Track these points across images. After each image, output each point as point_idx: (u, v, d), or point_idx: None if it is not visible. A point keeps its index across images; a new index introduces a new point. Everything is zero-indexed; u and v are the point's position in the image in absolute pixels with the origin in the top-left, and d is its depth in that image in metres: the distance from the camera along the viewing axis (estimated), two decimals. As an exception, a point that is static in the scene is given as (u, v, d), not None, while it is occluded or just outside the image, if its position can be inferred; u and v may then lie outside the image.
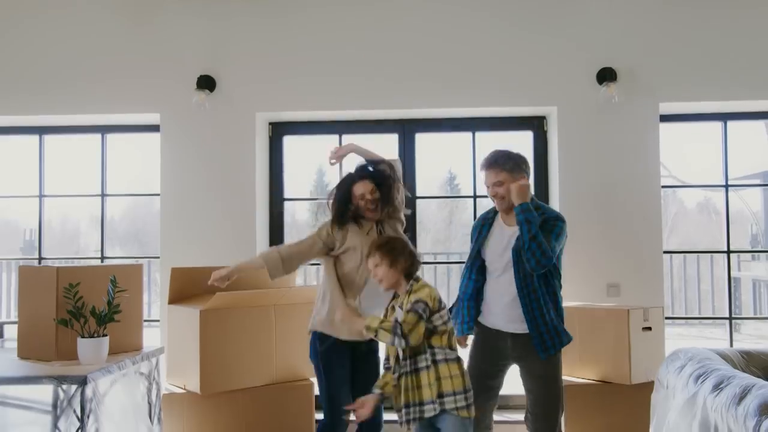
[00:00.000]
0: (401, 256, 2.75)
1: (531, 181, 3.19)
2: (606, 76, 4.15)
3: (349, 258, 3.07)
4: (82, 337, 2.91)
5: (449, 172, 11.74)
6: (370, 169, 3.16)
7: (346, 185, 3.12)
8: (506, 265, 3.04)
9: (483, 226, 3.21)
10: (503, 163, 3.06)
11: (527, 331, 2.98)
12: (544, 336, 2.97)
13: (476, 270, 3.15)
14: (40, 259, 4.69)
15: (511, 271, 3.01)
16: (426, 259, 3.53)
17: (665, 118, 4.30)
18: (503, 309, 3.05)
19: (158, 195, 4.42)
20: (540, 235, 2.91)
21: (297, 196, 4.64)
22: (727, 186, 4.44)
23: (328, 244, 3.11)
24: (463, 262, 3.42)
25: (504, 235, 3.10)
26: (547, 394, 3.03)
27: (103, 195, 4.66)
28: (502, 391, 3.20)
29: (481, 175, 3.15)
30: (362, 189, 3.07)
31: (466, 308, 3.15)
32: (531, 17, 4.30)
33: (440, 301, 2.69)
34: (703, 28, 4.24)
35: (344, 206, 3.09)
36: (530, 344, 2.98)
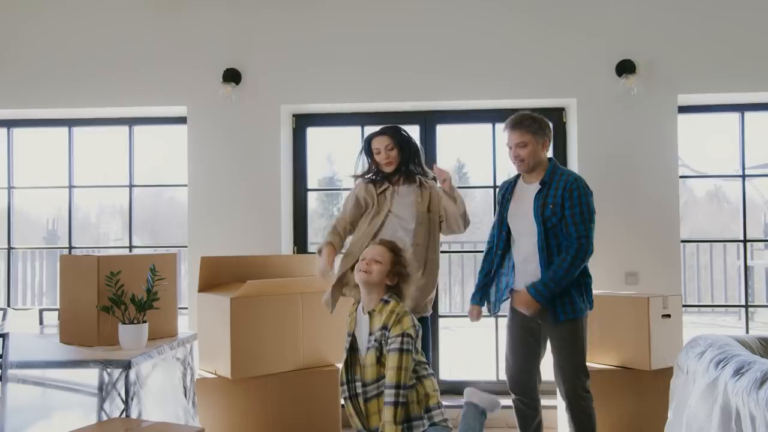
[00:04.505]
0: (401, 269, 2.71)
1: (551, 147, 3.28)
2: (625, 68, 4.21)
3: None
4: (123, 323, 3.02)
5: (457, 161, 11.80)
6: (389, 127, 3.50)
7: (366, 142, 3.49)
8: (529, 226, 3.11)
9: (506, 191, 3.31)
10: (529, 124, 3.14)
11: None
12: (555, 301, 3.04)
13: (503, 240, 3.24)
14: (71, 248, 4.80)
15: (533, 233, 3.09)
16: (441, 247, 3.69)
17: (683, 110, 4.36)
18: (526, 271, 3.13)
19: (185, 186, 4.53)
20: (565, 282, 3.00)
21: (310, 186, 4.74)
22: (744, 176, 4.50)
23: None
24: (474, 251, 3.55)
25: (525, 195, 3.18)
26: (561, 357, 3.11)
27: (131, 186, 4.77)
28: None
29: (504, 136, 3.24)
30: (378, 144, 3.43)
31: (503, 282, 3.27)
32: (551, 10, 4.36)
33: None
34: (721, 20, 4.28)
35: (367, 162, 3.48)
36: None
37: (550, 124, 3.25)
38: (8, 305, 4.83)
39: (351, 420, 2.73)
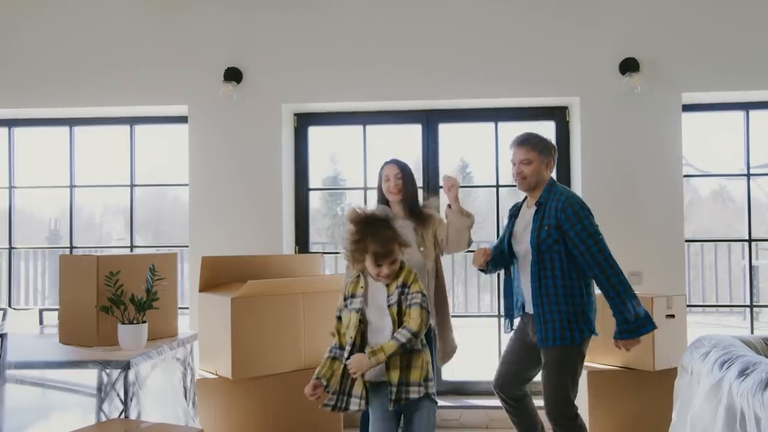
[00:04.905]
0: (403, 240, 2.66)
1: (554, 170, 3.23)
2: (629, 66, 4.18)
3: None
4: (123, 323, 3.00)
5: (461, 161, 11.76)
6: (400, 161, 3.50)
7: (381, 169, 3.51)
8: (526, 247, 3.05)
9: (513, 214, 3.27)
10: (535, 143, 3.09)
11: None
12: (540, 324, 2.96)
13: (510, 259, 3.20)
14: (72, 248, 4.79)
15: (529, 254, 3.03)
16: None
17: (687, 108, 4.32)
18: (527, 292, 3.08)
19: (186, 185, 4.51)
20: (631, 299, 2.95)
21: (312, 185, 4.72)
22: (749, 175, 4.46)
23: None
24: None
25: (525, 217, 3.13)
26: (546, 382, 3.00)
27: (132, 185, 4.75)
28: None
29: (510, 152, 3.16)
30: (387, 171, 3.46)
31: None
32: (554, 8, 4.33)
33: None
34: (726, 18, 4.25)
35: (380, 190, 3.49)
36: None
37: (556, 147, 3.20)
38: (9, 305, 4.82)
39: (330, 381, 2.62)
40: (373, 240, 2.56)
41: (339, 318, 2.70)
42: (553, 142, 3.28)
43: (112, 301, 2.98)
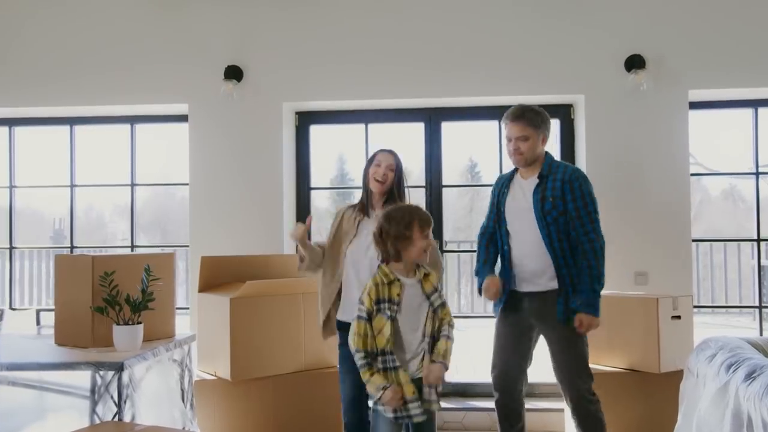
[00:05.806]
0: None
1: (551, 142, 3.17)
2: (634, 63, 4.12)
3: None
4: (118, 324, 2.96)
5: (470, 160, 11.70)
6: (398, 155, 3.12)
7: (373, 154, 3.12)
8: (528, 223, 2.99)
9: (502, 186, 3.16)
10: (531, 117, 3.02)
11: (545, 289, 2.96)
12: (562, 297, 2.93)
13: (502, 235, 3.10)
14: (72, 247, 4.77)
15: (533, 230, 2.98)
16: (450, 247, 3.57)
17: (694, 106, 4.26)
18: (524, 268, 3.01)
19: (187, 185, 4.48)
20: (603, 280, 2.92)
21: (318, 184, 4.67)
22: (757, 173, 4.39)
23: None
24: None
25: (522, 190, 3.06)
26: (566, 361, 2.97)
27: (132, 185, 4.73)
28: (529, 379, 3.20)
29: (504, 128, 3.10)
30: (382, 157, 3.04)
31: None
32: (558, 5, 4.27)
33: None
34: (732, 14, 4.18)
35: (365, 173, 3.09)
36: (548, 304, 2.95)
37: (549, 117, 3.13)
38: (11, 305, 4.80)
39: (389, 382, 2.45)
40: (411, 213, 2.54)
41: (368, 320, 2.48)
42: (557, 143, 3.21)
43: (107, 302, 2.94)
